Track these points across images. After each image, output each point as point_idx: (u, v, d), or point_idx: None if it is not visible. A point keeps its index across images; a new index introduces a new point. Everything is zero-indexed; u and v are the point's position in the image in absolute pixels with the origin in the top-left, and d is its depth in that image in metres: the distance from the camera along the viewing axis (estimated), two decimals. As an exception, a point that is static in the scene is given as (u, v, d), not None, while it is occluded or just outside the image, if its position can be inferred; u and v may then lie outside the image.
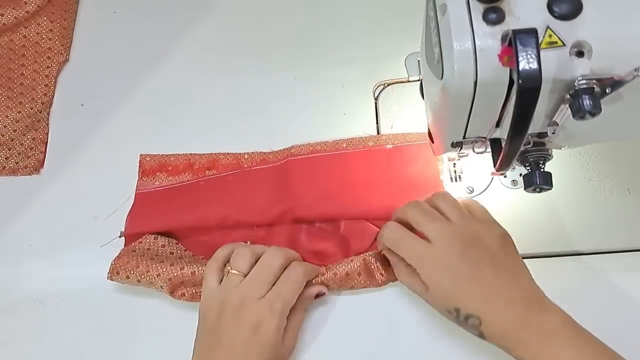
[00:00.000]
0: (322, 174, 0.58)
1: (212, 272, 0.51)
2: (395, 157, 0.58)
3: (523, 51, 0.32)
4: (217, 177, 0.59)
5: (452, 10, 0.35)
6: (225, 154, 0.60)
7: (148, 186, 0.60)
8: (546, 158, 0.44)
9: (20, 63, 0.67)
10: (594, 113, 0.34)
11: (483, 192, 0.57)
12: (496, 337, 0.44)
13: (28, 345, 0.56)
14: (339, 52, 0.65)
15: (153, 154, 0.61)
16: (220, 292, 0.50)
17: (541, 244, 0.55)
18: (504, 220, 0.55)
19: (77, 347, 0.55)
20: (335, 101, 0.63)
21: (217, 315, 0.49)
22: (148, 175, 0.61)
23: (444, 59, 0.37)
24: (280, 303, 0.48)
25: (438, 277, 0.46)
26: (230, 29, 0.68)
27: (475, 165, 0.57)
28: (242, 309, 0.48)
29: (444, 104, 0.40)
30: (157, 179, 0.61)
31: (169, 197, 0.59)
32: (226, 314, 0.48)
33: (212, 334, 0.48)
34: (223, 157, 0.60)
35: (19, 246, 0.60)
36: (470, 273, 0.45)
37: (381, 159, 0.58)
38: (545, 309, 0.44)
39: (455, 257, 0.45)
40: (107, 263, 0.55)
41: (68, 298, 0.57)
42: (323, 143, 0.59)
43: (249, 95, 0.64)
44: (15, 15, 0.67)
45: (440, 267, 0.45)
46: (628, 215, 0.55)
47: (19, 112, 0.64)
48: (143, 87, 0.66)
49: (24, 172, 0.62)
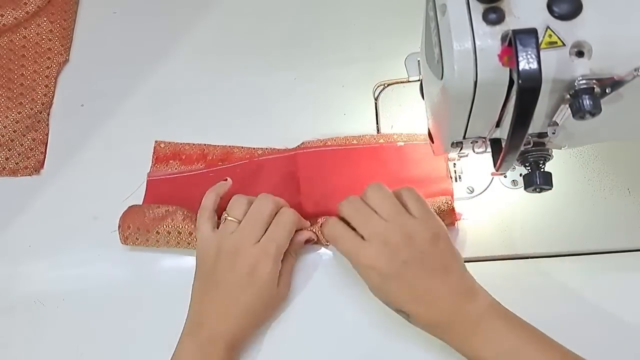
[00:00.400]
0: (331, 168, 0.58)
1: (205, 221, 0.53)
2: (406, 154, 0.58)
3: (523, 51, 0.32)
4: (226, 167, 0.60)
5: (452, 10, 0.35)
6: (240, 148, 0.61)
7: (160, 173, 0.60)
8: (546, 158, 0.44)
9: (20, 63, 0.67)
10: (594, 113, 0.34)
11: (483, 192, 0.57)
12: (426, 328, 0.47)
13: (28, 345, 0.56)
14: (339, 52, 0.65)
15: (168, 141, 0.62)
16: (216, 238, 0.51)
17: (541, 244, 0.55)
18: (504, 220, 0.56)
19: (77, 347, 0.55)
20: (335, 101, 0.63)
21: (213, 260, 0.51)
22: (161, 162, 0.61)
23: (444, 59, 0.37)
24: (274, 246, 0.50)
25: (368, 275, 0.47)
26: (230, 29, 0.68)
27: (475, 165, 0.57)
28: (238, 254, 0.50)
29: (444, 104, 0.40)
30: (170, 166, 0.61)
31: (180, 185, 0.60)
32: (222, 259, 0.50)
33: (210, 278, 0.51)
34: (237, 151, 0.61)
35: (19, 246, 0.60)
36: (399, 273, 0.46)
37: (392, 155, 0.58)
38: (473, 298, 0.46)
39: (385, 257, 0.46)
40: (107, 263, 0.55)
41: (68, 298, 0.57)
42: (333, 139, 0.59)
43: (249, 95, 0.64)
44: (15, 16, 0.67)
45: (370, 265, 0.47)
46: (628, 215, 0.55)
47: (19, 113, 0.64)
48: (143, 87, 0.66)
49: (24, 172, 0.62)
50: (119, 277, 0.58)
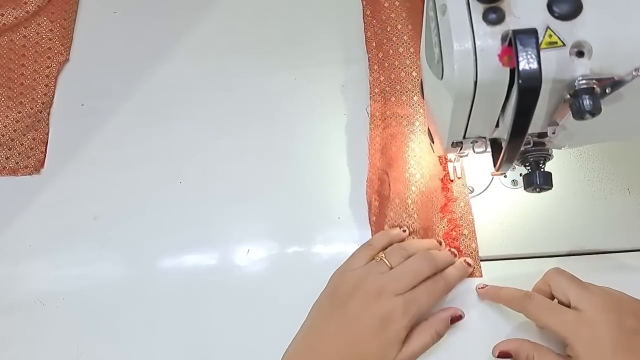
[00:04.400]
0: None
1: (363, 254, 0.52)
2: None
3: (523, 51, 0.32)
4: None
5: (452, 10, 0.35)
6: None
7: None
8: (546, 158, 0.44)
9: (20, 63, 0.67)
10: (594, 113, 0.34)
11: (483, 192, 0.57)
12: None
13: (28, 345, 0.56)
14: (339, 52, 0.65)
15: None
16: (362, 272, 0.50)
17: (541, 244, 0.55)
18: (504, 221, 0.56)
19: (77, 347, 0.55)
20: (335, 101, 0.63)
21: (350, 291, 0.49)
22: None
23: (444, 59, 0.37)
24: (416, 306, 0.48)
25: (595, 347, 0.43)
26: (230, 29, 0.68)
27: (475, 165, 0.57)
28: (378, 297, 0.48)
29: (444, 104, 0.40)
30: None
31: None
32: (360, 295, 0.48)
33: (339, 308, 0.49)
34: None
35: (19, 246, 0.60)
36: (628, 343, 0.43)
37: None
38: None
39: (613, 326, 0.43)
40: (107, 263, 0.55)
41: (68, 298, 0.57)
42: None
43: (249, 95, 0.64)
44: (15, 15, 0.67)
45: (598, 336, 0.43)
46: (628, 215, 0.55)
47: (19, 112, 0.64)
48: (143, 87, 0.66)
49: (24, 172, 0.62)
50: (119, 277, 0.58)
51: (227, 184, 0.60)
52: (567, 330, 0.44)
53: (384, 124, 0.60)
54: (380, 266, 0.50)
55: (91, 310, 0.57)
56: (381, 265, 0.50)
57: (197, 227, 0.59)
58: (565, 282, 0.47)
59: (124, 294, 0.57)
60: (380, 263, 0.50)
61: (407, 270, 0.49)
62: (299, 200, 0.58)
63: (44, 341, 0.56)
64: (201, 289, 0.56)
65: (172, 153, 0.62)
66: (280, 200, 0.59)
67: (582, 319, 0.44)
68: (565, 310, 0.46)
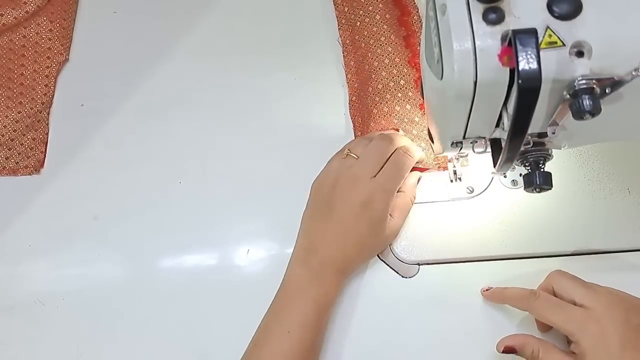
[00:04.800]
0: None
1: (337, 157, 0.55)
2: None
3: (523, 51, 0.32)
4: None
5: (452, 10, 0.35)
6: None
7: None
8: (546, 158, 0.44)
9: (20, 63, 0.67)
10: (593, 113, 0.34)
11: (483, 192, 0.57)
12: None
13: (28, 345, 0.56)
14: (339, 52, 0.65)
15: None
16: (335, 171, 0.54)
17: (541, 244, 0.55)
18: (504, 221, 0.56)
19: (77, 347, 0.55)
20: (335, 101, 0.63)
21: (330, 189, 0.53)
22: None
23: (444, 59, 0.37)
24: (389, 183, 0.52)
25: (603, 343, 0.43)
26: (230, 29, 0.68)
27: (475, 165, 0.57)
28: (354, 186, 0.52)
29: (444, 104, 0.40)
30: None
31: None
32: (339, 189, 0.52)
33: (324, 207, 0.53)
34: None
35: (19, 246, 0.60)
36: (636, 340, 0.43)
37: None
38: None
39: (620, 323, 0.43)
40: (107, 263, 0.55)
41: (68, 298, 0.57)
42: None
43: (248, 96, 0.64)
44: (15, 15, 0.67)
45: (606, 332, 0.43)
46: (628, 215, 0.55)
47: (19, 112, 0.64)
48: (143, 87, 0.66)
49: (24, 172, 0.62)
50: (119, 277, 0.58)
51: (227, 184, 0.60)
52: (575, 327, 0.44)
53: (354, 47, 0.64)
54: (348, 161, 0.54)
55: (91, 310, 0.57)
56: (349, 160, 0.54)
57: (197, 227, 0.59)
58: (568, 283, 0.47)
59: (124, 294, 0.57)
60: (348, 158, 0.54)
61: (371, 153, 0.53)
62: (299, 200, 0.58)
63: (44, 341, 0.56)
64: (201, 289, 0.56)
65: (171, 153, 0.62)
66: (280, 200, 0.59)
67: (590, 316, 0.44)
68: (572, 307, 0.46)
